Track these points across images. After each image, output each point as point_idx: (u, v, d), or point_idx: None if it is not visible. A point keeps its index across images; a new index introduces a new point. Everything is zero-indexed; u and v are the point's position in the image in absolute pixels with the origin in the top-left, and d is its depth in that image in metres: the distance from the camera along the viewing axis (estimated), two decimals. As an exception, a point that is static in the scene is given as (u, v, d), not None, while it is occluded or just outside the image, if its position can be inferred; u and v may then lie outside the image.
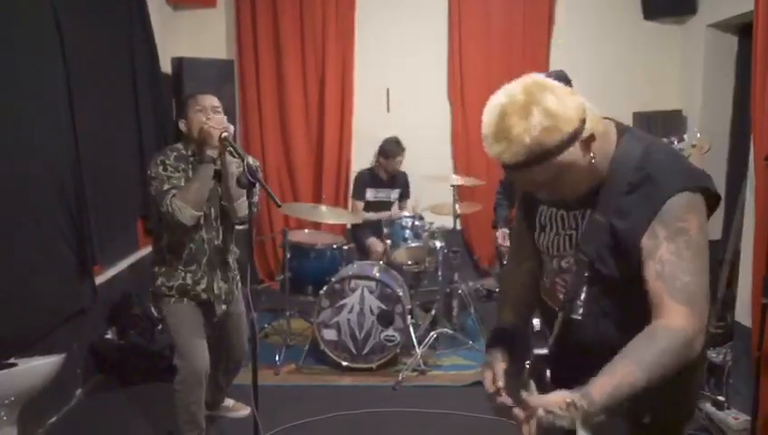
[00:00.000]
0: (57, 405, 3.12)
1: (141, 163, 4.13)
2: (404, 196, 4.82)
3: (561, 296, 1.46)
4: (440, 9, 5.36)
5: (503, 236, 3.31)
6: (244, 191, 2.47)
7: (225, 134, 2.34)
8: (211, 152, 2.40)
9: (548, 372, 1.43)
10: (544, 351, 1.45)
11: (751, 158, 2.83)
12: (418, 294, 4.37)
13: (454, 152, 5.51)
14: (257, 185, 2.07)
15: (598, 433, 1.18)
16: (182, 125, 2.57)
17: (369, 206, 4.68)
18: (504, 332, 1.57)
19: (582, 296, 1.40)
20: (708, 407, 3.09)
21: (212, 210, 2.58)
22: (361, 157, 5.29)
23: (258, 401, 3.13)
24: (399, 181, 4.76)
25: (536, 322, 1.59)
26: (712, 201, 1.31)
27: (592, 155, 1.26)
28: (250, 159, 2.25)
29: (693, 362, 1.32)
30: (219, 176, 2.53)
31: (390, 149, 4.62)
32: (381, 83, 5.43)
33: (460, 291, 4.28)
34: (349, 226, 4.78)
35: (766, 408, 2.54)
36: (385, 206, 4.67)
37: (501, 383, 1.44)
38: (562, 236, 1.43)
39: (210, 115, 2.48)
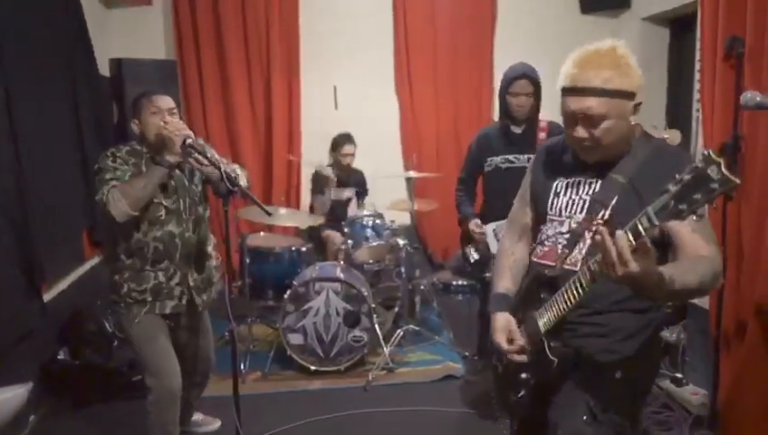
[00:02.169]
0: (10, 435, 2.92)
1: (83, 170, 3.91)
2: (361, 194, 4.80)
3: (560, 251, 1.64)
4: (384, 5, 5.35)
5: (476, 224, 3.35)
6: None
7: (189, 141, 2.23)
8: (171, 158, 2.28)
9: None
10: (556, 273, 1.62)
11: (699, 149, 2.98)
12: (378, 291, 4.36)
13: (404, 148, 5.53)
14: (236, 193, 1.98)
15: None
16: (134, 127, 2.43)
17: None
18: (505, 297, 1.79)
19: (583, 250, 1.59)
20: (668, 384, 3.24)
21: (181, 202, 2.45)
22: (311, 156, 5.23)
23: (226, 411, 3.05)
24: (356, 180, 4.73)
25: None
26: None
27: (634, 122, 1.55)
28: (223, 165, 2.15)
29: (656, 329, 1.68)
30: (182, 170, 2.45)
31: (336, 141, 4.61)
32: (328, 81, 5.37)
33: (422, 287, 4.30)
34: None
35: (726, 384, 2.68)
36: (342, 205, 4.63)
37: (521, 341, 1.67)
38: (576, 200, 1.65)
39: (167, 118, 2.37)
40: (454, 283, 5.16)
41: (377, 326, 3.68)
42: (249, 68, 5.19)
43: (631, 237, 1.28)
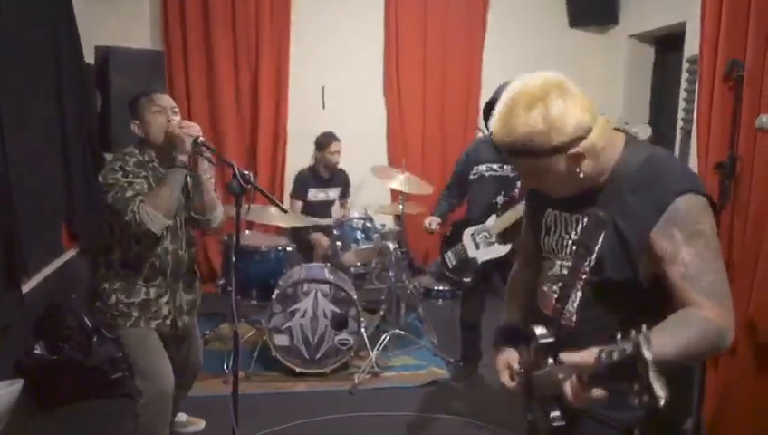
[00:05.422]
0: (-17, 433, 2.80)
1: (64, 160, 3.79)
2: (344, 194, 4.77)
3: (553, 302, 1.45)
4: (377, 7, 5.34)
5: (429, 220, 3.49)
6: (218, 201, 2.36)
7: (201, 139, 2.18)
8: (182, 157, 2.22)
9: (551, 361, 1.36)
10: (551, 339, 1.37)
11: (693, 164, 3.05)
12: (361, 294, 4.32)
13: (389, 151, 5.53)
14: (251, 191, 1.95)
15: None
16: (136, 128, 2.34)
17: (310, 205, 4.59)
18: (512, 330, 1.62)
19: (575, 303, 1.40)
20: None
21: (176, 219, 2.38)
22: (296, 155, 5.18)
23: (210, 411, 3.02)
24: (340, 179, 4.70)
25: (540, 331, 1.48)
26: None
27: (578, 170, 1.29)
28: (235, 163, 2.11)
29: (683, 380, 1.39)
30: (186, 184, 2.37)
31: (322, 139, 4.57)
32: (316, 81, 5.33)
33: (409, 291, 4.30)
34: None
35: (712, 401, 2.74)
36: (326, 205, 4.60)
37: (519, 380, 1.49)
38: (565, 238, 1.44)
39: (171, 117, 2.31)
40: (435, 288, 5.16)
41: (363, 330, 3.65)
42: (236, 64, 5.12)
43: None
